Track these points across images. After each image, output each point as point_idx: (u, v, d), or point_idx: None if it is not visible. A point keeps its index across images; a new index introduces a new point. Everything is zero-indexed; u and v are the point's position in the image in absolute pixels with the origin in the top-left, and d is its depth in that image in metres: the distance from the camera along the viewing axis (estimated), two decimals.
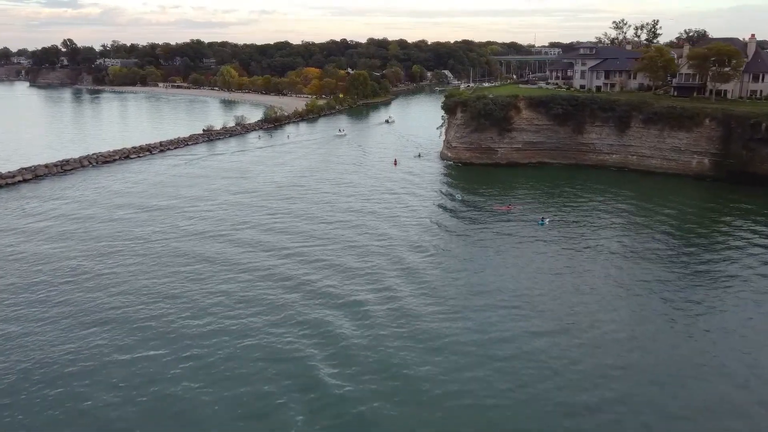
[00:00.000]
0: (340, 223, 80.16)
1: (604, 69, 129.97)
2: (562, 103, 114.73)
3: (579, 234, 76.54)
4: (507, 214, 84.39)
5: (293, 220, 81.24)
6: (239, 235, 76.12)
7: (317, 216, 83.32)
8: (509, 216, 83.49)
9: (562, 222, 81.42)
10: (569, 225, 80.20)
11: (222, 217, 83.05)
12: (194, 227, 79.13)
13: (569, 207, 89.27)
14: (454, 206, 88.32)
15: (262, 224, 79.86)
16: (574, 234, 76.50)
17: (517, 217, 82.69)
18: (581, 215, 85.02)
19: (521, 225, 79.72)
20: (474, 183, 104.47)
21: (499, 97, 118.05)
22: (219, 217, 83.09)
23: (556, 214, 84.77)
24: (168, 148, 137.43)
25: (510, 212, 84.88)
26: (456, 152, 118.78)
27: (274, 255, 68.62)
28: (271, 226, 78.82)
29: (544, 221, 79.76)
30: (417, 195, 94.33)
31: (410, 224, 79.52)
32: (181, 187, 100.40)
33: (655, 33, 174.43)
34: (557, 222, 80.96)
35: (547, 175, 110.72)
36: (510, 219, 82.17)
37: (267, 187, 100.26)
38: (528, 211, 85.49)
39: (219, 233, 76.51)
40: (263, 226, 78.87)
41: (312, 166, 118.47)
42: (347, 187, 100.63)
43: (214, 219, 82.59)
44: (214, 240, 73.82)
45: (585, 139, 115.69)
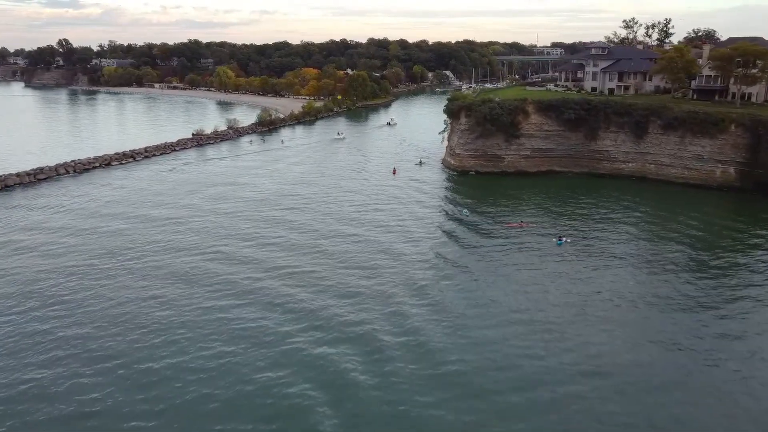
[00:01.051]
0: (332, 240, 71.30)
1: (618, 70, 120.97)
2: (574, 108, 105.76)
3: (598, 254, 68.27)
4: (520, 231, 75.54)
5: (279, 236, 72.43)
6: (218, 252, 67.86)
7: (306, 231, 74.41)
8: (522, 234, 74.59)
9: (580, 238, 72.93)
10: (588, 243, 71.68)
11: (201, 232, 74.27)
12: (170, 244, 70.80)
13: (584, 221, 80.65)
14: (461, 224, 79.29)
15: (244, 240, 71.05)
16: (594, 254, 68.19)
17: (532, 236, 73.79)
18: (598, 231, 76.52)
19: (537, 244, 70.95)
20: (480, 194, 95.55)
21: (506, 101, 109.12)
22: (198, 232, 74.30)
23: (573, 230, 76.04)
24: (153, 154, 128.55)
25: (523, 229, 76.02)
26: (460, 160, 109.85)
27: (257, 272, 60.51)
28: (253, 243, 70.01)
29: (563, 241, 70.95)
30: (418, 210, 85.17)
31: (411, 247, 70.66)
32: (160, 199, 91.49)
33: (667, 32, 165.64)
34: (574, 239, 72.38)
35: (559, 184, 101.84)
36: (524, 237, 73.29)
37: (254, 199, 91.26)
38: (543, 228, 76.56)
39: (197, 250, 68.11)
40: (245, 243, 70.07)
41: (305, 174, 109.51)
42: (341, 199, 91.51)
43: (193, 234, 73.93)
44: (192, 259, 65.28)
45: (599, 145, 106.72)
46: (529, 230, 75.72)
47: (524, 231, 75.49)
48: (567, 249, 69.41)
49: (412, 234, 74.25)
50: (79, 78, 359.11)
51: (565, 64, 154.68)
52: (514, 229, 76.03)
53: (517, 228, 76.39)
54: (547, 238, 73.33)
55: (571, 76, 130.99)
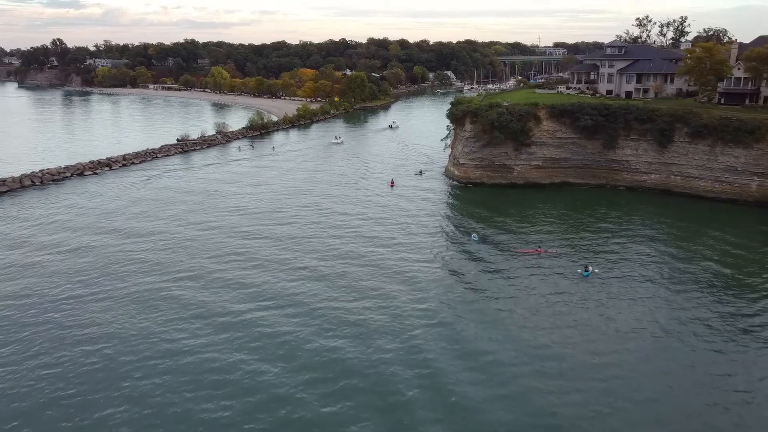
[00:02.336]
0: (315, 270, 60.36)
1: (636, 72, 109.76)
2: (591, 113, 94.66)
3: (627, 283, 58.56)
4: (538, 259, 64.64)
5: (254, 263, 61.52)
6: (187, 274, 56.96)
7: (284, 261, 63.44)
8: (540, 261, 63.72)
9: (605, 266, 62.40)
10: (614, 271, 61.37)
11: (164, 260, 63.27)
12: (131, 267, 60.15)
13: (606, 242, 70.49)
14: (468, 249, 68.12)
15: (213, 270, 60.11)
16: (622, 284, 58.30)
17: (552, 264, 62.92)
18: (622, 252, 66.90)
19: (558, 275, 60.24)
20: (488, 210, 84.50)
21: (516, 106, 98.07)
22: (160, 259, 63.27)
23: (595, 254, 65.35)
24: (132, 161, 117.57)
25: (541, 256, 65.10)
26: (464, 170, 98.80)
27: (233, 299, 49.49)
28: (222, 274, 59.10)
29: (590, 271, 60.08)
30: (418, 233, 73.73)
31: (411, 275, 59.65)
32: (125, 215, 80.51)
33: (683, 31, 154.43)
34: (600, 266, 61.76)
35: (574, 198, 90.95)
36: (542, 266, 62.45)
37: (231, 217, 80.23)
38: (565, 255, 65.57)
39: (163, 272, 57.19)
40: (213, 274, 59.13)
41: (294, 186, 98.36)
42: (328, 218, 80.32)
43: (162, 252, 63.14)
44: (155, 282, 54.40)
45: (618, 155, 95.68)
46: (549, 258, 64.79)
47: (544, 259, 64.57)
48: (594, 281, 58.64)
49: (409, 271, 63.01)
50: (73, 79, 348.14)
51: (577, 65, 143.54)
52: (531, 257, 65.08)
53: (535, 255, 65.45)
54: (567, 264, 62.72)
55: (584, 77, 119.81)
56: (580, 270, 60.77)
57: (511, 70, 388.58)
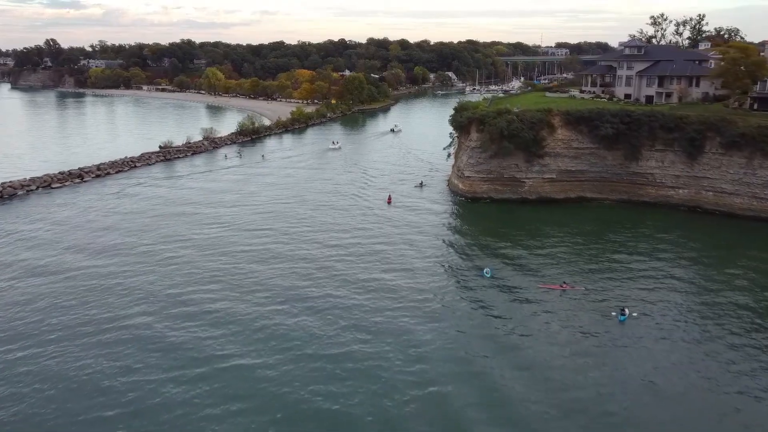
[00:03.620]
0: (291, 308, 49.78)
1: (658, 74, 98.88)
2: (612, 121, 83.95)
3: (664, 324, 48.58)
4: (562, 295, 54.06)
5: (218, 299, 50.93)
6: (138, 320, 46.38)
7: (256, 297, 52.84)
8: (566, 299, 53.19)
9: (638, 302, 51.96)
10: (650, 310, 50.89)
11: (118, 287, 52.66)
12: (88, 298, 49.62)
13: (635, 271, 60.10)
14: (480, 285, 57.33)
15: (168, 307, 49.50)
16: (660, 327, 48.13)
17: (579, 304, 52.35)
18: (656, 286, 56.34)
19: (590, 319, 49.80)
20: (497, 231, 73.90)
21: (527, 112, 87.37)
22: (112, 286, 52.62)
23: (627, 290, 54.75)
24: (108, 172, 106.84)
25: (566, 293, 54.50)
26: (470, 184, 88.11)
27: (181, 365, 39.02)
28: (188, 307, 48.53)
29: (626, 315, 49.52)
30: (418, 265, 62.94)
31: (412, 320, 49.06)
32: (80, 236, 69.87)
33: (700, 30, 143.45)
34: (632, 303, 51.29)
35: (593, 216, 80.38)
36: (569, 306, 51.92)
37: (202, 239, 69.45)
38: (593, 292, 54.86)
39: (103, 317, 46.59)
40: (167, 312, 48.52)
41: (279, 202, 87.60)
42: (311, 242, 69.85)
43: (99, 297, 52.39)
44: (114, 317, 43.89)
45: (641, 167, 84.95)
46: (576, 295, 54.15)
47: (570, 296, 53.97)
48: (632, 326, 48.16)
49: (407, 313, 52.45)
50: (66, 80, 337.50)
51: (592, 66, 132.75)
52: (554, 293, 54.47)
53: (559, 291, 54.81)
54: (597, 302, 52.19)
55: (599, 80, 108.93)
56: (615, 313, 50.23)
57: (514, 70, 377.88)
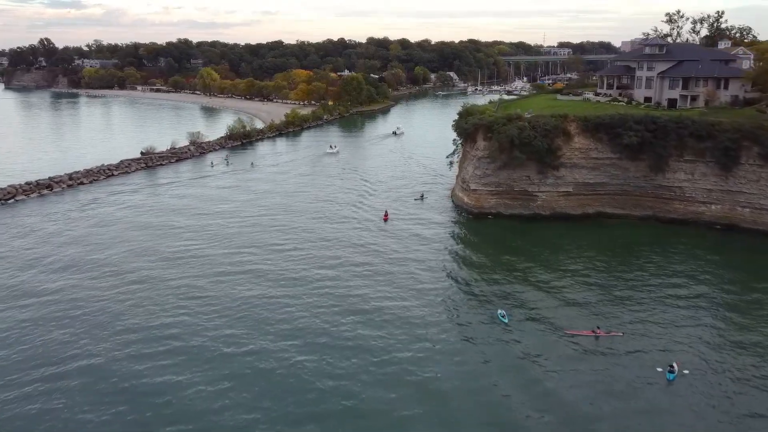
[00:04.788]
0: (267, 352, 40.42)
1: (682, 75, 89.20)
2: (636, 128, 74.37)
3: (719, 382, 38.87)
4: (595, 342, 44.61)
5: (181, 333, 41.60)
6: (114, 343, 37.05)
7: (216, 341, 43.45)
8: (599, 350, 43.72)
9: (694, 359, 42.02)
10: (709, 369, 41.14)
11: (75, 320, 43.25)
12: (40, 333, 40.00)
13: (673, 309, 50.56)
14: (491, 331, 47.66)
15: (121, 338, 40.15)
16: (715, 387, 38.63)
17: (617, 356, 42.87)
18: (707, 329, 46.79)
19: (631, 376, 40.59)
20: (508, 257, 64.38)
21: (540, 118, 77.77)
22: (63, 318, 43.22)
23: (667, 335, 45.15)
24: (81, 181, 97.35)
25: (598, 339, 45.04)
26: (476, 198, 78.54)
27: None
28: (145, 357, 39.18)
29: (675, 372, 40.10)
30: (413, 301, 53.71)
31: (405, 390, 39.65)
32: (36, 253, 60.51)
33: (718, 28, 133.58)
34: (671, 349, 41.71)
35: (615, 236, 70.88)
36: (605, 359, 42.49)
37: (168, 265, 60.08)
38: (631, 338, 45.34)
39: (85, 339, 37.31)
40: (120, 346, 39.19)
41: (265, 215, 78.30)
42: (292, 269, 60.49)
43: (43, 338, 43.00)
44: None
45: (668, 180, 75.34)
46: (612, 344, 44.63)
47: (603, 344, 44.48)
48: (683, 386, 38.75)
49: (397, 379, 43.00)
50: (59, 80, 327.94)
51: (607, 67, 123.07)
52: (585, 340, 45.00)
53: (590, 337, 45.34)
54: (634, 353, 42.64)
55: (616, 82, 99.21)
56: (661, 369, 40.76)
57: (516, 70, 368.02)
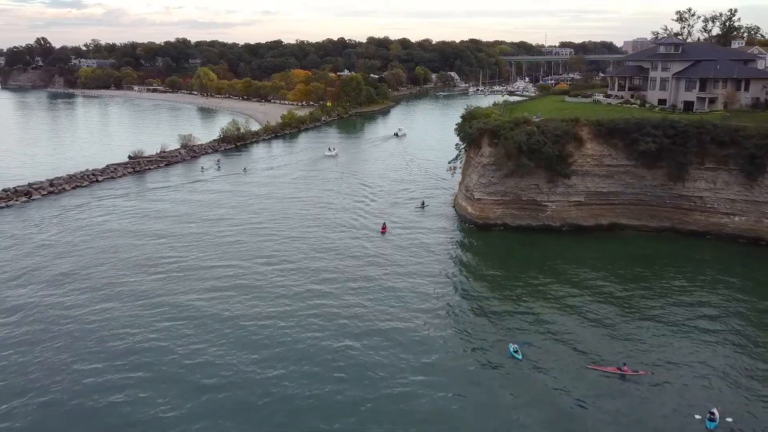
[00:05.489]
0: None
1: (699, 76, 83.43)
2: (654, 133, 68.59)
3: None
4: (621, 382, 38.88)
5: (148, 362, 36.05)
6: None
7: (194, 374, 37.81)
8: (627, 391, 37.96)
9: (738, 405, 36.18)
10: (758, 417, 35.14)
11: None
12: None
13: (704, 341, 44.48)
14: (504, 362, 42.01)
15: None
16: None
17: (647, 400, 37.08)
18: (750, 366, 40.46)
19: (666, 425, 34.76)
20: (516, 274, 58.70)
21: (550, 122, 72.01)
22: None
23: (711, 378, 39.39)
24: (63, 188, 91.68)
25: (625, 378, 39.31)
26: (480, 208, 72.77)
27: None
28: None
29: (716, 420, 34.40)
30: (417, 323, 48.15)
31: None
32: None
33: (731, 27, 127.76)
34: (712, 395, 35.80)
35: (632, 249, 65.14)
36: (634, 403, 36.72)
37: (139, 282, 54.40)
38: (663, 376, 39.54)
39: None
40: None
41: (251, 227, 72.64)
42: (276, 291, 54.84)
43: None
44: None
45: (688, 189, 69.54)
46: (640, 383, 38.88)
47: (631, 384, 38.72)
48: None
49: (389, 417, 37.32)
50: (56, 80, 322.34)
51: (619, 67, 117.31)
52: (609, 378, 39.28)
53: (615, 375, 39.60)
54: (671, 399, 36.84)
55: (627, 83, 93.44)
56: (699, 416, 35.09)
57: (518, 70, 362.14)
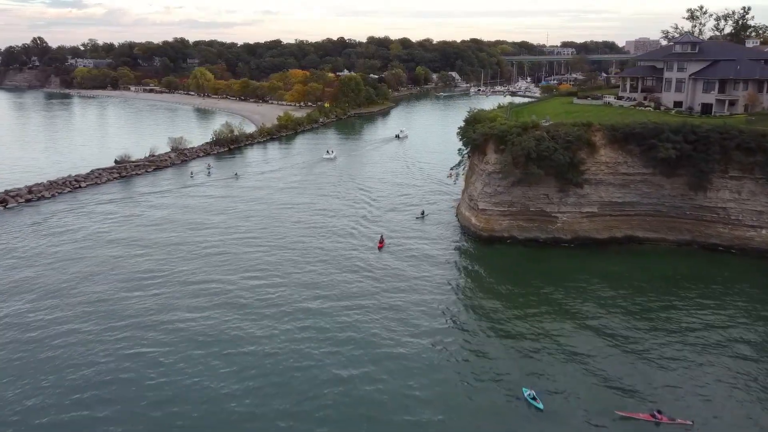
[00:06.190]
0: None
1: (718, 77, 77.80)
2: (674, 139, 62.98)
3: None
4: (656, 428, 33.60)
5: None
6: None
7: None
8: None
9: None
10: None
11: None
12: None
13: (746, 383, 38.31)
14: (517, 404, 36.62)
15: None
16: None
17: None
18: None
19: None
20: (525, 292, 53.25)
21: (560, 127, 66.38)
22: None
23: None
24: (42, 195, 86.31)
25: (660, 426, 33.86)
26: (485, 219, 67.21)
27: None
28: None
29: None
30: (416, 349, 42.66)
31: None
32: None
33: (745, 25, 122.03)
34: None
35: (651, 265, 59.71)
36: None
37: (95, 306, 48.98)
38: (702, 426, 34.10)
39: None
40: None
41: (246, 233, 67.13)
42: (257, 321, 49.40)
43: None
44: None
45: (710, 199, 63.97)
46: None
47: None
48: None
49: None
50: (52, 80, 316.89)
51: (630, 67, 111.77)
52: (643, 426, 33.83)
53: (649, 423, 34.13)
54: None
55: (640, 84, 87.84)
56: None
57: (519, 70, 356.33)
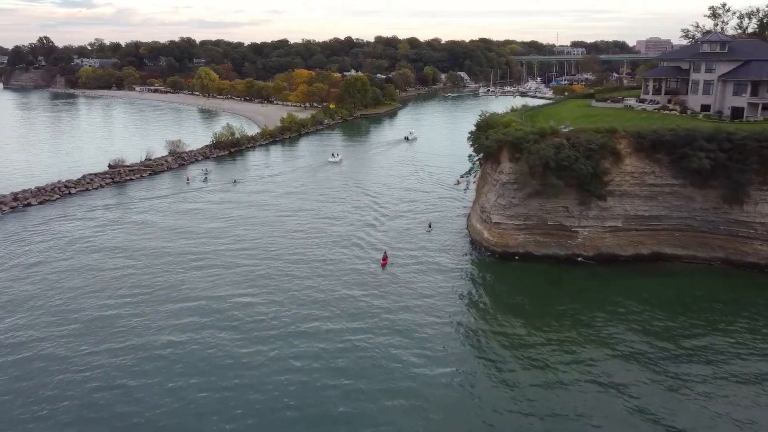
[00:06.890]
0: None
1: (751, 79, 71.55)
2: (707, 147, 57.07)
3: None
4: None
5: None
6: None
7: None
8: None
9: None
10: None
11: None
12: None
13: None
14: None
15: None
16: None
17: None
18: None
19: None
20: (543, 318, 47.55)
21: (581, 134, 60.56)
22: None
23: None
24: (29, 202, 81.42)
25: None
26: (499, 234, 61.51)
27: None
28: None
29: None
30: (422, 382, 37.14)
31: None
32: None
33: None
34: None
35: (680, 285, 53.99)
36: None
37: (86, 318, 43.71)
38: None
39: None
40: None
41: (243, 247, 61.78)
42: (246, 344, 43.96)
43: None
44: None
45: (747, 213, 57.98)
46: None
47: None
48: None
49: None
50: (57, 79, 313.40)
51: (653, 68, 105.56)
52: None
53: None
54: None
55: (664, 86, 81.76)
56: None
57: (529, 70, 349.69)
